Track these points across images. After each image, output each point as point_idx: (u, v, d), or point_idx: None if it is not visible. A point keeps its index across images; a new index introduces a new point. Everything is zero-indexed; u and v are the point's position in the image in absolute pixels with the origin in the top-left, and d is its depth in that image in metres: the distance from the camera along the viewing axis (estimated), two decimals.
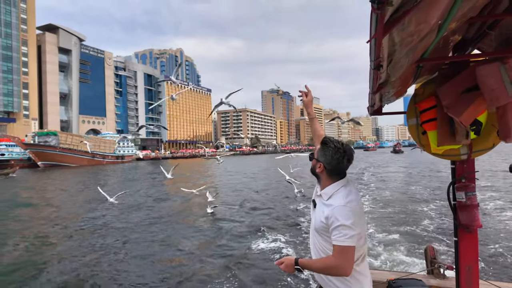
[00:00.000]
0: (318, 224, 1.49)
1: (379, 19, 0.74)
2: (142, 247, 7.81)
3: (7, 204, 14.75)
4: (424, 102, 1.68)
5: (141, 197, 16.19)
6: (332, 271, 1.40)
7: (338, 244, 1.38)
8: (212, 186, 19.50)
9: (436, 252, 3.04)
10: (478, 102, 1.39)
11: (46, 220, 11.13)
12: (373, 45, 0.91)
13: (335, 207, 1.42)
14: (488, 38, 1.49)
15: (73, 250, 7.60)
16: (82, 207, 13.53)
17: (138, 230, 9.37)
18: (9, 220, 11.34)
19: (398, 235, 7.80)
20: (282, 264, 1.48)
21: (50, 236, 9.04)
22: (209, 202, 11.96)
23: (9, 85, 66.12)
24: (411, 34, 0.84)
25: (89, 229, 9.63)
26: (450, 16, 0.85)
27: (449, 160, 1.88)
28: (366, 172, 25.91)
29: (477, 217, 1.77)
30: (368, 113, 2.09)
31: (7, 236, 9.06)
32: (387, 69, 1.11)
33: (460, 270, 1.87)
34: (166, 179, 17.32)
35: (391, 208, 11.11)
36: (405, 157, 50.74)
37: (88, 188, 20.82)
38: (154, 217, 11.21)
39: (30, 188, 22.26)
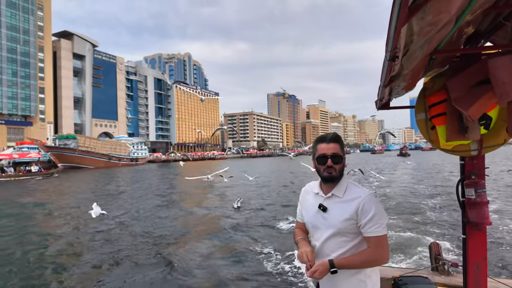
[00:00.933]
0: (341, 224, 1.44)
1: (403, 4, 0.72)
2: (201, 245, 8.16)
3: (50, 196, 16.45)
4: (433, 96, 1.65)
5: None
6: (372, 263, 1.42)
7: (376, 235, 1.38)
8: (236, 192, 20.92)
9: (441, 249, 3.04)
10: (488, 96, 1.36)
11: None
12: (391, 34, 0.90)
13: (364, 197, 1.42)
14: (502, 30, 1.48)
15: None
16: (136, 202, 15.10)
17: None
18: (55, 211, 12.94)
19: (402, 229, 7.99)
20: (316, 272, 1.39)
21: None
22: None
23: (26, 90, 68.57)
24: (430, 24, 0.84)
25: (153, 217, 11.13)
26: (470, 6, 0.84)
27: (458, 156, 1.83)
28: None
29: (486, 215, 1.72)
30: (376, 107, 2.09)
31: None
32: (401, 61, 1.11)
33: (468, 267, 1.83)
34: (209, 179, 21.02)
35: (395, 203, 11.59)
36: (412, 160, 51.44)
37: (149, 185, 22.52)
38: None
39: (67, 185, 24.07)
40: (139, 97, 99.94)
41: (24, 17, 68.54)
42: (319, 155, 1.49)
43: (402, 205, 11.76)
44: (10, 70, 65.81)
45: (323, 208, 1.50)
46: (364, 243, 1.43)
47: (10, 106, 65.91)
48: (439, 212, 10.27)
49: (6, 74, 65.01)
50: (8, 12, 65.76)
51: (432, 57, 1.42)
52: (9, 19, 65.81)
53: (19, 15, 67.68)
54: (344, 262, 1.40)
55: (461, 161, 1.87)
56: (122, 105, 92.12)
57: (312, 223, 1.56)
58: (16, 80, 66.76)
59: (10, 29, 66.04)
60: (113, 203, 15.38)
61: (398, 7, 0.74)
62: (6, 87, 65.01)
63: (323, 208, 1.50)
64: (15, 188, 24.32)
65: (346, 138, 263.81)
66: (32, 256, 7.49)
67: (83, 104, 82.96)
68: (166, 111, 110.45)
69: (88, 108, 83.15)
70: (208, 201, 15.38)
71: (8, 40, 65.55)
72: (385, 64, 1.21)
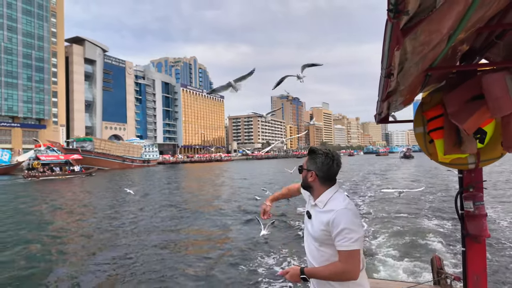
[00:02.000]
0: (318, 233, 1.48)
1: (394, 28, 0.76)
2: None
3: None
4: (431, 110, 1.68)
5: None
6: (340, 277, 1.40)
7: (344, 249, 1.38)
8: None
9: (443, 262, 2.99)
10: (482, 110, 1.38)
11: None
12: (386, 54, 0.93)
13: (337, 211, 1.43)
14: (496, 48, 1.51)
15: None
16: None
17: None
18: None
19: (403, 243, 7.80)
20: (287, 274, 1.47)
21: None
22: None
23: (40, 94, 70.97)
24: (422, 43, 0.86)
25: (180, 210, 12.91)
26: (461, 26, 0.86)
27: (457, 169, 1.83)
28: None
29: (485, 227, 1.73)
30: (375, 121, 2.12)
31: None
32: (397, 78, 1.13)
33: (468, 280, 1.84)
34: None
35: (396, 214, 11.17)
36: (416, 162, 51.32)
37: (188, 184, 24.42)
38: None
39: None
40: (147, 100, 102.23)
41: (38, 24, 71.08)
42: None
43: (401, 214, 11.27)
44: (25, 75, 68.27)
45: (309, 215, 1.58)
46: (336, 256, 1.46)
47: (25, 109, 68.32)
48: (439, 222, 9.96)
49: (21, 79, 67.48)
50: (24, 19, 68.33)
51: (428, 74, 1.46)
52: (24, 26, 68.36)
53: (34, 22, 70.23)
54: (313, 271, 1.44)
55: (460, 174, 1.89)
56: (131, 108, 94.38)
57: (305, 226, 1.65)
58: (31, 84, 69.21)
59: (26, 35, 68.58)
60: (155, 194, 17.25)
61: (390, 29, 0.78)
62: (21, 92, 67.46)
63: (308, 215, 1.59)
64: (67, 184, 28.65)
65: (350, 140, 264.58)
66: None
67: (93, 107, 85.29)
68: (173, 114, 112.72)
69: (99, 111, 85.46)
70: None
71: (24, 46, 68.08)
72: (382, 80, 1.24)
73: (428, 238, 8.17)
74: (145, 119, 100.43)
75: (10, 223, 11.49)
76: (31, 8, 69.53)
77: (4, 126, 65.22)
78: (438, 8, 0.70)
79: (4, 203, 16.87)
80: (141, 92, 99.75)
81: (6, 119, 66.03)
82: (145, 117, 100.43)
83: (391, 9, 0.66)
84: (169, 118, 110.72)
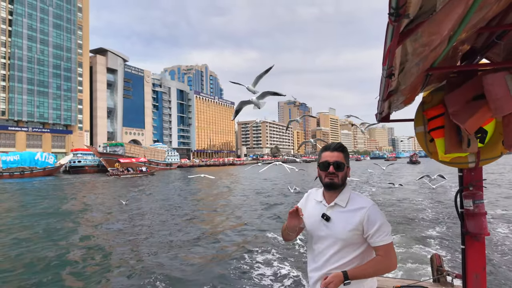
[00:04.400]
0: (345, 234, 1.45)
1: (395, 30, 0.77)
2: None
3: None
4: (432, 109, 1.68)
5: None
6: (385, 271, 1.43)
7: (385, 243, 1.40)
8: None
9: (442, 260, 3.02)
10: (483, 110, 1.39)
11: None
12: (386, 55, 0.94)
13: (368, 208, 1.44)
14: (496, 48, 1.52)
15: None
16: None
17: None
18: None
19: (403, 241, 7.79)
20: (331, 284, 1.37)
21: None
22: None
23: (68, 101, 76.19)
24: (423, 45, 0.87)
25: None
26: (461, 27, 0.87)
27: (457, 168, 1.85)
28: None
29: (484, 226, 1.75)
30: (376, 120, 2.12)
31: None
32: (398, 78, 1.15)
33: (467, 278, 1.85)
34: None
35: (396, 212, 11.43)
36: (421, 167, 52.28)
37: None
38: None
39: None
40: (164, 107, 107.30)
41: (67, 37, 76.59)
42: (322, 162, 1.54)
43: (402, 213, 11.54)
44: (55, 84, 73.59)
45: (326, 218, 1.50)
46: (367, 252, 1.48)
47: (54, 116, 73.50)
48: (439, 220, 10.11)
49: (52, 88, 72.78)
50: (54, 32, 73.90)
51: (428, 74, 1.48)
52: (55, 39, 73.89)
53: (63, 35, 75.75)
54: (358, 272, 1.40)
55: (460, 173, 1.90)
56: (149, 115, 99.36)
57: (314, 232, 1.56)
58: (60, 93, 74.49)
59: (56, 47, 74.06)
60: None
61: (391, 32, 0.80)
62: (51, 100, 72.73)
63: (326, 217, 1.50)
64: (142, 180, 38.06)
65: (356, 145, 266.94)
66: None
67: (115, 113, 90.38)
68: (187, 120, 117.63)
69: (119, 118, 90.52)
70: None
71: (54, 58, 73.51)
72: (383, 80, 1.27)
73: (428, 236, 8.17)
74: (161, 124, 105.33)
75: (142, 201, 17.65)
76: (61, 22, 75.12)
77: (36, 132, 70.37)
78: (438, 11, 0.71)
79: (121, 192, 23.45)
80: (158, 99, 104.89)
81: (37, 125, 71.22)
82: (161, 123, 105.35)
83: (392, 12, 0.68)
84: (183, 123, 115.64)
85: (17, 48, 66.63)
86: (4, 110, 65.66)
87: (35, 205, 16.55)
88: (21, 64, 67.28)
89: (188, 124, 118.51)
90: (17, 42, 66.77)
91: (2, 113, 65.35)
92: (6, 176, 39.69)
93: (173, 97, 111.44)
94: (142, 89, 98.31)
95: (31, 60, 69.13)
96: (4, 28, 65.96)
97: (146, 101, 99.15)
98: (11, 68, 66.01)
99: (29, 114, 68.81)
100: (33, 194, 22.76)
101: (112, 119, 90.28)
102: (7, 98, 65.93)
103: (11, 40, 66.30)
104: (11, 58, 65.99)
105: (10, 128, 65.78)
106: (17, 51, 66.58)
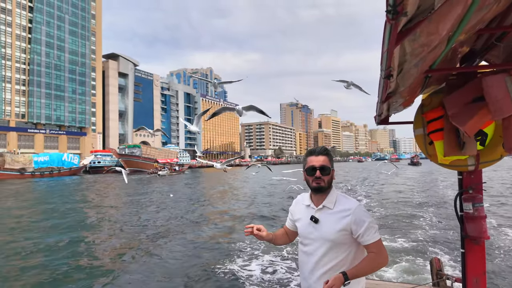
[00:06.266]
0: (333, 235, 1.49)
1: (393, 29, 0.76)
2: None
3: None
4: (431, 112, 1.68)
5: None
6: (380, 266, 1.47)
7: (375, 240, 1.45)
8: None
9: (442, 264, 3.07)
10: (483, 112, 1.38)
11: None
12: (385, 55, 0.93)
13: (355, 209, 1.48)
14: (496, 50, 1.52)
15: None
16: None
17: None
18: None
19: (402, 245, 7.71)
20: (334, 286, 1.38)
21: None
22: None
23: (82, 105, 79.70)
24: (422, 45, 0.86)
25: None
26: (460, 28, 0.86)
27: (456, 171, 1.83)
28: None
29: (484, 229, 1.73)
30: (375, 122, 2.11)
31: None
32: (397, 79, 1.14)
33: (467, 282, 1.83)
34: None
35: (394, 215, 11.41)
36: (422, 168, 52.93)
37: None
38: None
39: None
40: (171, 109, 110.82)
41: (82, 43, 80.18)
42: (308, 167, 1.56)
43: (401, 216, 11.52)
44: (70, 88, 77.11)
45: (315, 220, 1.54)
46: (356, 252, 1.51)
47: (70, 119, 77.01)
48: (439, 225, 10.03)
49: (67, 92, 76.30)
50: (70, 39, 77.49)
51: (427, 75, 1.46)
52: (70, 45, 77.48)
53: (78, 41, 79.34)
54: (356, 271, 1.42)
55: (459, 176, 1.88)
56: (158, 117, 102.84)
57: (304, 235, 1.60)
58: (75, 97, 78.02)
59: (71, 53, 77.65)
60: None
61: (389, 31, 0.78)
62: (67, 103, 76.25)
63: (314, 219, 1.54)
64: (175, 178, 43.72)
65: (358, 147, 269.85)
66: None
67: (126, 116, 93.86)
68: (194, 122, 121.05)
69: (130, 120, 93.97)
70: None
71: (70, 63, 77.09)
72: (381, 81, 1.26)
73: (428, 239, 8.10)
74: (169, 126, 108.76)
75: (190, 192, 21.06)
76: (76, 29, 78.74)
77: (53, 134, 73.85)
78: (436, 9, 0.71)
79: (170, 187, 27.78)
80: (166, 102, 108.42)
81: (54, 127, 74.72)
82: (169, 125, 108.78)
83: (389, 10, 0.67)
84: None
85: (36, 54, 70.21)
86: (24, 113, 69.20)
87: (104, 200, 19.61)
88: (39, 69, 70.84)
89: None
90: (36, 49, 70.36)
91: (22, 116, 68.87)
92: (37, 175, 43.10)
93: (180, 100, 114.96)
94: (151, 93, 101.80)
95: (49, 65, 72.70)
96: (24, 36, 69.62)
97: (155, 104, 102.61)
98: (30, 74, 69.58)
99: (47, 117, 72.33)
100: (91, 190, 26.04)
101: (123, 121, 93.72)
102: (27, 102, 69.49)
103: (30, 47, 69.91)
104: (30, 64, 69.58)
105: (29, 131, 69.24)
106: (36, 57, 70.15)
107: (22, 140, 68.55)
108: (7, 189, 27.34)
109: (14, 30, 67.65)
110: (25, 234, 9.92)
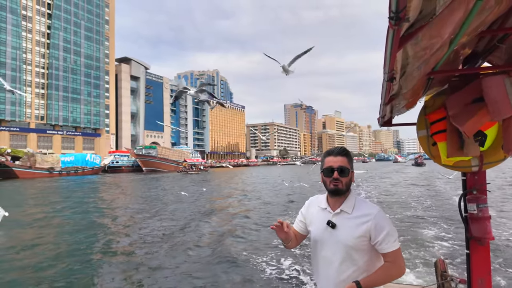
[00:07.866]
0: (352, 241, 1.43)
1: (395, 34, 0.76)
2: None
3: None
4: (434, 113, 1.69)
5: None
6: (395, 277, 1.41)
7: (393, 249, 1.39)
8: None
9: (447, 266, 2.98)
10: (482, 113, 1.39)
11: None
12: (387, 58, 0.93)
13: (375, 215, 1.42)
14: (498, 51, 1.52)
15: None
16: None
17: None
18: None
19: (406, 246, 7.68)
20: None
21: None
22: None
23: (97, 107, 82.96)
24: (424, 48, 0.87)
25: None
26: (462, 30, 0.87)
27: (460, 172, 1.83)
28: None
29: (489, 230, 1.73)
30: (378, 124, 2.11)
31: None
32: (400, 81, 1.14)
33: (472, 283, 1.82)
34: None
35: (399, 217, 11.37)
36: (426, 169, 52.78)
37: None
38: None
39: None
40: (180, 111, 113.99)
41: (96, 47, 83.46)
42: (325, 168, 1.49)
43: (405, 217, 11.51)
44: (86, 91, 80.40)
45: (332, 225, 1.48)
46: (375, 259, 1.46)
47: (85, 121, 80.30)
48: (443, 225, 10.02)
49: (83, 94, 79.60)
50: (86, 44, 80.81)
51: (430, 77, 1.46)
52: (86, 49, 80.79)
53: (93, 46, 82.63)
54: (370, 281, 1.39)
55: (463, 177, 1.88)
56: (167, 119, 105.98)
57: (319, 239, 1.53)
58: (90, 99, 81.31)
59: (87, 57, 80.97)
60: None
61: (391, 35, 0.79)
62: (83, 105, 79.57)
63: (332, 224, 1.48)
64: (201, 175, 49.09)
65: (362, 147, 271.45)
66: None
67: (137, 118, 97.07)
68: (202, 123, 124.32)
69: (141, 122, 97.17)
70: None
71: (86, 67, 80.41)
72: (384, 84, 1.25)
73: (432, 241, 8.07)
74: (178, 128, 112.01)
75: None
76: (91, 34, 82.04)
77: (69, 135, 77.17)
78: (438, 14, 0.71)
79: (201, 183, 30.53)
80: (175, 104, 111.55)
81: (71, 129, 78.05)
82: (178, 126, 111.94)
83: (392, 16, 0.68)
84: (198, 127, 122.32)
85: (54, 59, 73.54)
86: (43, 115, 72.54)
87: (140, 196, 22.37)
88: (57, 73, 74.18)
89: (202, 127, 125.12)
90: (54, 54, 73.70)
91: (41, 118, 72.20)
92: (64, 174, 46.19)
93: (189, 102, 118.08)
94: (161, 95, 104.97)
95: (66, 69, 76.04)
96: (43, 41, 72.99)
97: (165, 106, 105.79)
98: (49, 77, 72.92)
99: (64, 119, 75.63)
100: (127, 188, 28.77)
101: (135, 123, 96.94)
102: (46, 104, 72.83)
103: (49, 52, 73.25)
104: (49, 68, 72.92)
105: (48, 132, 72.58)
106: (54, 62, 73.49)
107: (41, 141, 71.85)
108: (43, 186, 30.24)
109: (34, 36, 71.02)
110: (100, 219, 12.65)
